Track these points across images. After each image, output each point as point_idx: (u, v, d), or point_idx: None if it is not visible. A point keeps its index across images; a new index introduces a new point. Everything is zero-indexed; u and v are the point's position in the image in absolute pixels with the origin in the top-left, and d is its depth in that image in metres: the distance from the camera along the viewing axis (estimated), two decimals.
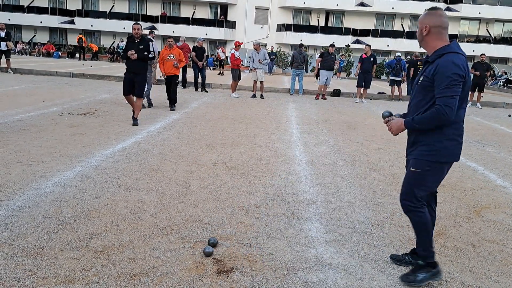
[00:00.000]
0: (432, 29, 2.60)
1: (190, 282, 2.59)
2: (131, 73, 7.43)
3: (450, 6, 34.56)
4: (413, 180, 2.68)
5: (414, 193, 2.67)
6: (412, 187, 2.69)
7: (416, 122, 2.58)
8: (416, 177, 2.66)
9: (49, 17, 35.11)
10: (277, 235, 3.33)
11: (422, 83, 2.62)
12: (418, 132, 2.66)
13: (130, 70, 7.45)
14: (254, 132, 7.52)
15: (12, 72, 15.81)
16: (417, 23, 2.73)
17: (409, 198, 2.70)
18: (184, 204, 3.87)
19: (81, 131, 6.65)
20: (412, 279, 2.72)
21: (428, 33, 2.61)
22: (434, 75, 2.51)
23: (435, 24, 2.59)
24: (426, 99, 2.59)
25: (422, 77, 2.65)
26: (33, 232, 3.11)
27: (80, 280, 2.53)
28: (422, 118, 2.55)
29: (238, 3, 35.92)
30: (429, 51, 2.66)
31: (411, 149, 2.74)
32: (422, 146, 2.63)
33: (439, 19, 2.59)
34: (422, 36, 2.66)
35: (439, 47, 2.59)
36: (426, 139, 2.61)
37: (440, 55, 2.55)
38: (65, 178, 4.35)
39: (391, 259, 3.04)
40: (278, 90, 15.90)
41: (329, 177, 5.03)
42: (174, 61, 9.54)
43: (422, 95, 2.63)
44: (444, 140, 2.56)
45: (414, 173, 2.67)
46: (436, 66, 2.52)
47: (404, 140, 3.04)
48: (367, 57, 13.45)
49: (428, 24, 2.60)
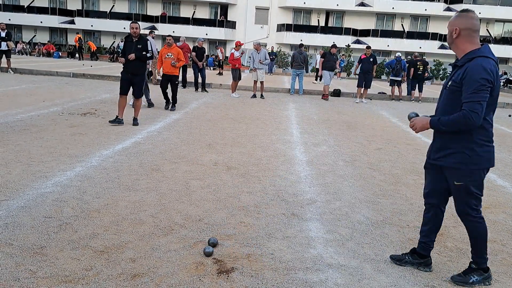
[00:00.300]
0: (462, 32, 2.56)
1: (190, 282, 2.59)
2: (129, 73, 7.27)
3: (450, 6, 34.53)
4: (461, 192, 2.66)
5: (468, 204, 2.66)
6: (463, 199, 2.68)
7: (442, 123, 2.57)
8: (463, 189, 2.65)
9: (49, 17, 35.10)
10: (277, 235, 3.33)
11: (451, 88, 2.60)
12: (446, 138, 2.64)
13: (128, 70, 7.28)
14: (254, 132, 7.52)
15: (13, 72, 15.81)
16: (447, 26, 2.69)
17: (465, 210, 2.69)
18: (184, 204, 3.87)
19: (81, 131, 6.65)
20: (465, 280, 2.76)
21: (458, 36, 2.58)
22: (463, 80, 2.49)
23: (465, 26, 2.55)
24: (454, 104, 2.57)
25: (450, 81, 2.62)
26: (33, 232, 3.11)
27: (80, 280, 2.53)
28: (448, 120, 2.53)
29: (238, 3, 35.91)
30: (459, 54, 2.63)
31: (439, 155, 2.72)
32: (455, 154, 2.61)
33: (470, 22, 2.55)
34: (452, 39, 2.62)
35: (469, 51, 2.56)
36: (456, 146, 2.59)
37: (470, 59, 2.52)
38: (65, 178, 4.35)
39: (391, 259, 3.04)
40: (278, 90, 15.90)
41: (329, 177, 5.03)
42: (172, 59, 9.28)
43: (450, 99, 2.61)
44: (475, 146, 2.55)
45: (458, 187, 2.66)
46: (465, 70, 2.49)
47: (404, 141, 3.03)
48: (367, 58, 13.47)
49: (459, 27, 2.56)
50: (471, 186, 2.62)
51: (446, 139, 2.65)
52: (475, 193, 2.64)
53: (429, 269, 2.94)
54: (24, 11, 34.99)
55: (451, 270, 2.97)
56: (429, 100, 15.87)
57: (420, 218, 3.89)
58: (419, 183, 5.02)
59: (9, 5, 35.45)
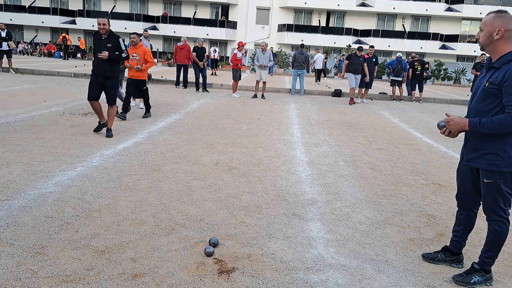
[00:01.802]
0: (506, 33, 2.53)
1: (191, 282, 2.60)
2: (99, 76, 6.23)
3: (451, 6, 34.50)
4: (491, 189, 2.66)
5: (496, 202, 2.66)
6: (491, 196, 2.67)
7: (483, 125, 2.53)
8: (492, 188, 2.64)
9: (50, 17, 35.14)
10: (278, 235, 3.34)
11: (488, 90, 2.57)
12: (479, 139, 2.63)
13: (98, 72, 6.21)
14: (255, 132, 7.52)
15: (14, 72, 15.83)
16: (481, 26, 2.61)
17: (491, 207, 2.68)
18: (185, 204, 3.87)
19: (82, 131, 6.66)
20: (466, 280, 2.76)
21: (502, 37, 2.55)
22: (504, 83, 2.47)
23: (508, 27, 2.52)
24: (490, 106, 2.56)
25: (487, 83, 2.59)
26: (35, 231, 3.12)
27: (81, 280, 2.54)
28: (491, 123, 2.50)
29: (239, 3, 35.92)
30: (495, 56, 2.60)
31: (472, 155, 2.71)
32: (488, 155, 2.61)
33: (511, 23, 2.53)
34: (492, 40, 2.57)
35: (506, 52, 2.54)
36: (490, 147, 2.59)
37: (508, 61, 2.50)
38: (67, 178, 4.36)
39: (424, 257, 3.08)
40: (279, 90, 15.90)
41: (330, 177, 5.03)
42: (137, 62, 7.93)
43: (486, 101, 2.59)
44: (508, 148, 2.54)
45: (488, 184, 2.65)
46: (505, 73, 2.48)
47: (405, 141, 3.03)
48: (369, 58, 13.46)
49: (503, 28, 2.52)
50: (501, 184, 2.61)
51: (480, 141, 2.64)
52: (505, 191, 2.62)
53: (461, 265, 3.01)
54: (26, 11, 35.04)
55: (452, 270, 2.97)
56: (430, 100, 15.85)
57: (421, 218, 3.91)
58: (420, 183, 5.02)
59: (11, 5, 35.51)
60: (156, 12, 36.03)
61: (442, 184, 5.07)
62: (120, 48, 6.26)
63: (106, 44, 6.17)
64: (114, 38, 6.26)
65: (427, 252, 3.17)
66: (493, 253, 2.75)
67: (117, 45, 6.24)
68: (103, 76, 6.21)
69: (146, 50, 8.05)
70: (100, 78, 6.21)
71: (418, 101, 15.36)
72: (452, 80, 29.30)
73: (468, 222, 2.95)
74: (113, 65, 6.26)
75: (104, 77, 6.21)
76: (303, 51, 14.90)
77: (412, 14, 35.39)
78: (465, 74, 28.84)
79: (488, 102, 2.58)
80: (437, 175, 5.44)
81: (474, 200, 2.86)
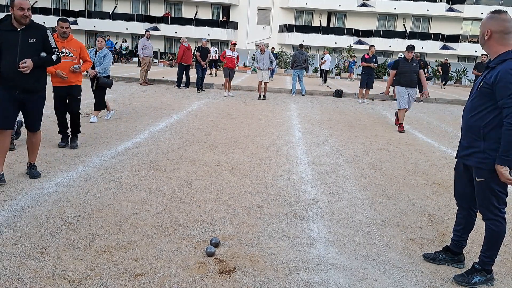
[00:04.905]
0: (494, 34, 2.56)
1: (192, 282, 2.60)
2: (16, 90, 4.01)
3: (452, 6, 34.46)
4: (483, 190, 2.67)
5: (490, 201, 2.67)
6: (484, 195, 2.68)
7: (504, 154, 2.48)
8: (484, 186, 2.66)
9: (52, 17, 35.12)
10: (279, 235, 3.34)
11: (481, 89, 2.60)
12: (470, 137, 2.66)
13: (12, 84, 3.98)
14: (256, 132, 7.53)
15: None
16: (479, 26, 2.69)
17: (485, 206, 2.69)
18: (186, 204, 3.88)
19: (83, 131, 6.67)
20: (467, 280, 2.76)
21: (490, 38, 2.58)
22: (496, 84, 2.49)
23: (497, 29, 2.55)
24: (484, 105, 2.60)
25: (482, 82, 2.62)
26: (36, 232, 3.13)
27: (83, 280, 2.54)
28: (505, 145, 2.46)
29: (240, 3, 35.95)
30: (492, 56, 2.64)
31: (464, 153, 2.74)
32: (479, 153, 2.63)
33: (502, 24, 2.54)
34: (484, 41, 2.63)
35: (501, 52, 2.56)
36: (481, 145, 2.61)
37: (502, 61, 2.52)
38: (68, 178, 4.37)
39: (425, 258, 3.08)
40: (280, 90, 15.90)
41: (331, 177, 5.03)
42: (72, 61, 5.52)
43: (479, 100, 2.63)
44: (497, 147, 2.54)
45: (480, 183, 2.67)
46: (497, 73, 2.49)
47: (406, 141, 3.03)
48: (370, 58, 13.45)
49: (490, 29, 2.56)
50: (492, 183, 2.62)
51: (471, 139, 2.67)
52: (497, 190, 2.63)
53: (462, 265, 3.01)
54: None
55: (454, 270, 2.97)
56: (430, 100, 15.84)
57: (422, 219, 3.90)
58: (420, 184, 5.02)
59: None
60: (157, 13, 36.07)
61: (443, 184, 5.07)
62: (50, 45, 4.18)
63: (28, 39, 4.00)
64: (37, 30, 4.10)
65: (428, 252, 3.17)
66: (491, 253, 2.76)
67: (45, 40, 4.14)
68: (21, 89, 4.03)
69: (81, 45, 5.74)
70: (16, 93, 4.03)
71: (418, 101, 15.34)
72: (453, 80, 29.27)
73: (467, 221, 2.96)
74: (39, 72, 4.15)
75: (23, 91, 4.06)
76: (303, 51, 14.93)
77: (413, 14, 35.37)
78: (466, 74, 28.80)
79: (482, 102, 2.61)
80: (438, 175, 5.44)
81: (472, 199, 2.86)
